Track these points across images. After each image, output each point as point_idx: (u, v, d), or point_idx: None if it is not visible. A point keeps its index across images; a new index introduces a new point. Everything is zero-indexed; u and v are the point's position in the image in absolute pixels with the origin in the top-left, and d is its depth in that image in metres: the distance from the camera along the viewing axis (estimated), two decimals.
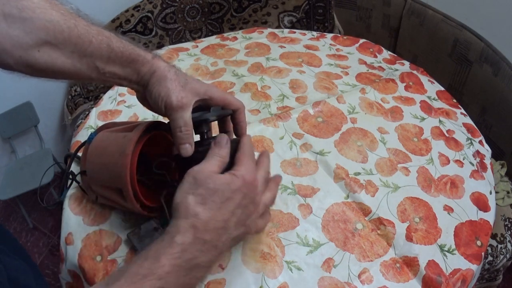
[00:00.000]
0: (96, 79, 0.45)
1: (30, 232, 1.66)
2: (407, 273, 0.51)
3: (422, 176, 0.64)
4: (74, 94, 1.55)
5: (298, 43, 0.99)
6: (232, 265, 0.52)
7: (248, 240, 0.54)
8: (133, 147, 0.47)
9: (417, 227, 0.56)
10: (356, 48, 0.98)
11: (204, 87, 0.46)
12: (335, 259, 0.52)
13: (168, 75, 0.45)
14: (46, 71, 0.42)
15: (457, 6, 1.28)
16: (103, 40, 0.43)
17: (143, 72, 0.45)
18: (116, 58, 0.44)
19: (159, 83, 0.44)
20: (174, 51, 0.99)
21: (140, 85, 0.47)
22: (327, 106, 0.76)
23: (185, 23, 1.55)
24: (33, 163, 1.64)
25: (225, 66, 0.91)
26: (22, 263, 0.51)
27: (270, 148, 0.68)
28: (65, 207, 0.62)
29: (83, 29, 0.42)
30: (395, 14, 1.43)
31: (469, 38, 1.20)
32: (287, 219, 0.57)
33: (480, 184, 0.64)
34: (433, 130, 0.73)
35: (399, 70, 0.88)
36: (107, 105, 0.83)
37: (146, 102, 0.48)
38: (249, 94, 0.81)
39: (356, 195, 0.60)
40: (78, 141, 0.75)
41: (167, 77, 0.44)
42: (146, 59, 0.45)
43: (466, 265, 0.52)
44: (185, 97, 0.44)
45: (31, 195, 1.65)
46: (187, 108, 0.44)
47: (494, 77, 1.14)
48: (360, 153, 0.67)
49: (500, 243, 0.96)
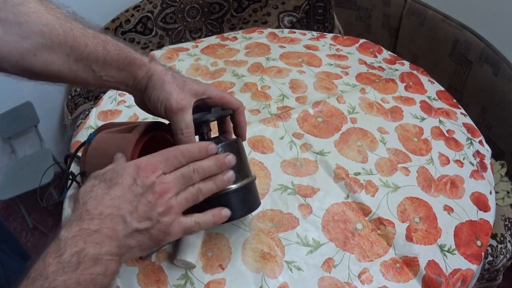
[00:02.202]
0: (93, 82, 0.45)
1: (30, 232, 1.66)
2: (407, 273, 0.51)
3: (422, 176, 0.64)
4: (74, 94, 1.55)
5: (298, 43, 0.99)
6: (232, 265, 0.52)
7: (248, 240, 0.54)
8: (133, 148, 0.47)
9: (417, 227, 0.56)
10: (356, 48, 0.98)
11: (203, 87, 0.46)
12: (335, 259, 0.52)
13: (165, 78, 0.44)
14: (42, 75, 0.42)
15: (457, 6, 1.28)
16: (99, 43, 0.43)
17: (140, 76, 0.45)
18: (112, 61, 0.43)
19: (157, 87, 0.44)
20: (174, 51, 0.99)
21: (137, 89, 0.46)
22: (327, 106, 0.76)
23: (185, 23, 1.55)
24: (33, 163, 1.64)
25: (225, 66, 0.91)
26: (22, 264, 0.52)
27: (270, 148, 0.68)
28: (65, 207, 0.62)
29: (79, 32, 0.42)
30: (395, 14, 1.43)
31: (469, 38, 1.20)
32: (287, 219, 0.57)
33: (480, 184, 0.64)
34: (433, 130, 0.73)
35: (399, 70, 0.88)
36: (107, 105, 0.83)
37: (144, 106, 0.48)
38: (249, 94, 0.81)
39: (356, 195, 0.60)
40: (78, 141, 0.75)
41: (164, 81, 0.44)
42: (142, 63, 0.45)
43: (466, 265, 0.52)
44: (184, 99, 0.44)
45: (31, 195, 1.65)
46: (187, 110, 0.44)
47: (494, 77, 1.14)
48: (360, 153, 0.67)
49: (500, 243, 0.96)
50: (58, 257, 0.33)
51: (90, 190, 0.37)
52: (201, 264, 0.52)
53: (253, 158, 0.66)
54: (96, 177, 0.38)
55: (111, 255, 0.35)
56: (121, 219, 0.36)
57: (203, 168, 0.41)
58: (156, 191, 0.38)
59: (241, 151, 0.47)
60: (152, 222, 0.37)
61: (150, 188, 0.37)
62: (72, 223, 0.35)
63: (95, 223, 0.35)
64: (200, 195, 0.41)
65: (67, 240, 0.34)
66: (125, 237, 0.36)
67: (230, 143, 0.46)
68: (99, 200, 0.36)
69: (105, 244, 0.35)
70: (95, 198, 0.36)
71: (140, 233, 0.37)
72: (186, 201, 0.40)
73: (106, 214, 0.36)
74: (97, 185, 0.37)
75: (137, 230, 0.37)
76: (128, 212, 0.36)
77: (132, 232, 0.36)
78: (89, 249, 0.34)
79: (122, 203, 0.36)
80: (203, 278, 0.51)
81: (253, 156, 0.66)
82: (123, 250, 0.36)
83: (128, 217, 0.36)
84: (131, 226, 0.36)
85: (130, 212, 0.36)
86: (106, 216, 0.35)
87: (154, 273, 0.51)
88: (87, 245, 0.34)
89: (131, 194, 0.37)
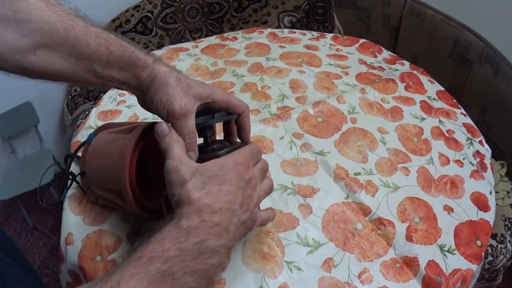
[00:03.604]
0: (95, 82, 0.43)
1: (30, 232, 1.66)
2: (407, 273, 0.51)
3: (422, 176, 0.64)
4: (74, 94, 1.55)
5: (298, 43, 0.99)
6: (232, 265, 0.52)
7: (248, 240, 0.54)
8: (132, 149, 0.47)
9: (417, 227, 0.56)
10: (356, 48, 0.98)
11: (207, 91, 0.45)
12: (335, 259, 0.52)
13: (169, 81, 0.43)
14: (42, 74, 0.41)
15: (457, 6, 1.28)
16: (102, 43, 0.41)
17: (143, 77, 0.44)
18: (115, 61, 0.42)
19: (160, 90, 0.43)
20: (174, 51, 0.99)
21: (140, 90, 0.45)
22: (327, 106, 0.76)
23: (185, 23, 1.55)
24: (33, 163, 1.64)
25: (225, 66, 0.91)
26: (21, 271, 0.51)
27: (270, 148, 0.68)
28: (65, 207, 0.62)
29: (81, 30, 0.40)
30: (395, 14, 1.43)
31: (469, 38, 1.20)
32: (287, 219, 0.57)
33: (480, 184, 0.64)
34: (433, 130, 0.73)
35: (399, 70, 0.88)
36: (107, 105, 0.83)
37: (147, 106, 0.47)
38: (249, 94, 0.81)
39: (356, 195, 0.60)
40: (78, 141, 0.75)
41: (168, 83, 0.43)
42: (146, 63, 0.43)
43: (466, 265, 0.52)
44: (188, 104, 0.43)
45: (31, 195, 1.65)
46: (190, 115, 0.43)
47: (494, 77, 1.14)
48: (360, 153, 0.67)
49: (500, 243, 0.96)
50: (178, 243, 0.34)
51: (202, 187, 0.38)
52: None
53: None
54: (202, 173, 0.39)
55: (226, 247, 0.38)
56: (234, 213, 0.39)
57: (267, 165, 0.46)
58: (252, 185, 0.41)
59: None
60: (250, 213, 0.41)
61: (248, 182, 0.41)
62: (192, 214, 0.36)
63: (217, 217, 0.37)
64: (271, 188, 0.46)
65: (190, 229, 0.35)
66: (236, 230, 0.39)
67: (233, 150, 0.45)
68: (216, 197, 0.38)
69: (223, 237, 0.37)
70: (211, 194, 0.38)
71: (243, 225, 0.40)
72: (264, 194, 0.44)
73: (225, 208, 0.38)
74: (208, 182, 0.39)
75: (243, 222, 0.40)
76: (238, 206, 0.39)
77: (240, 225, 0.39)
78: (210, 241, 0.36)
79: (233, 198, 0.39)
80: None
81: None
82: (233, 243, 0.39)
83: (238, 211, 0.39)
84: (240, 219, 0.39)
85: (240, 205, 0.39)
86: (225, 210, 0.38)
87: None
88: (209, 237, 0.36)
89: (237, 189, 0.40)
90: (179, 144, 0.41)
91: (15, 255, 0.54)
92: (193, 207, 0.37)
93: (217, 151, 0.44)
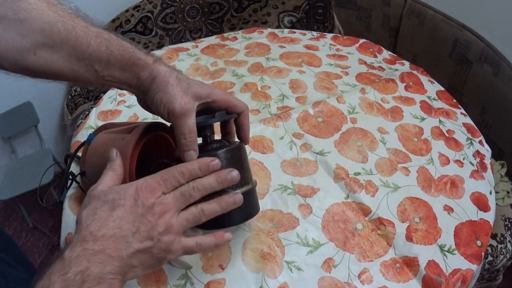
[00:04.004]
0: (95, 82, 0.44)
1: (30, 232, 1.66)
2: (407, 273, 0.51)
3: (422, 176, 0.64)
4: (74, 94, 1.55)
5: (298, 43, 0.99)
6: (232, 265, 0.52)
7: (248, 240, 0.54)
8: (132, 150, 0.47)
9: (417, 227, 0.56)
10: (356, 48, 0.98)
11: (207, 90, 0.45)
12: (335, 259, 0.52)
13: (169, 80, 0.43)
14: (43, 74, 0.41)
15: (457, 6, 1.28)
16: (102, 43, 0.41)
17: (143, 77, 0.44)
18: (115, 61, 0.42)
19: (160, 89, 0.43)
20: (174, 51, 0.99)
21: (140, 90, 0.45)
22: (327, 106, 0.76)
23: (185, 23, 1.55)
24: (33, 163, 1.64)
25: (225, 66, 0.91)
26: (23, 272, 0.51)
27: (270, 148, 0.68)
28: (65, 207, 0.62)
29: (81, 30, 0.40)
30: (395, 14, 1.43)
31: (469, 38, 1.20)
32: (287, 219, 0.57)
33: (480, 184, 0.64)
34: (433, 130, 0.73)
35: (399, 70, 0.88)
36: (107, 105, 0.83)
37: (147, 106, 0.47)
38: (249, 94, 0.81)
39: (356, 195, 0.60)
40: (78, 141, 0.75)
41: (168, 83, 0.43)
42: (146, 63, 0.43)
43: (466, 265, 0.52)
44: (188, 103, 0.43)
45: (31, 195, 1.65)
46: (191, 114, 0.43)
47: (494, 77, 1.14)
48: (360, 153, 0.67)
49: (500, 243, 0.96)
50: (62, 275, 0.34)
51: (93, 213, 0.37)
52: (201, 264, 0.52)
53: (253, 158, 0.66)
54: (98, 198, 0.39)
55: (114, 274, 0.36)
56: (123, 240, 0.37)
57: (203, 185, 0.41)
58: (156, 212, 0.38)
59: (243, 157, 0.47)
60: (153, 242, 0.38)
61: (150, 208, 0.38)
62: (76, 243, 0.36)
63: (99, 244, 0.36)
64: (202, 217, 0.41)
65: (72, 260, 0.34)
66: (128, 257, 0.37)
67: (232, 149, 0.45)
68: (102, 223, 0.37)
69: (108, 264, 0.35)
70: (98, 220, 0.37)
71: (142, 253, 0.38)
72: (187, 222, 0.40)
73: (109, 235, 0.36)
74: (100, 207, 0.38)
75: (139, 250, 0.38)
76: (130, 232, 0.37)
77: (135, 252, 0.37)
78: (92, 269, 0.35)
79: (124, 224, 0.37)
80: (203, 278, 0.51)
81: (253, 156, 0.66)
82: (126, 269, 0.37)
83: (130, 238, 0.37)
84: (133, 246, 0.37)
85: (132, 232, 0.37)
86: (109, 237, 0.36)
87: (154, 273, 0.51)
88: (91, 265, 0.35)
89: (133, 215, 0.38)
90: (114, 174, 0.42)
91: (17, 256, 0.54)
92: (79, 236, 0.36)
93: (216, 151, 0.44)
